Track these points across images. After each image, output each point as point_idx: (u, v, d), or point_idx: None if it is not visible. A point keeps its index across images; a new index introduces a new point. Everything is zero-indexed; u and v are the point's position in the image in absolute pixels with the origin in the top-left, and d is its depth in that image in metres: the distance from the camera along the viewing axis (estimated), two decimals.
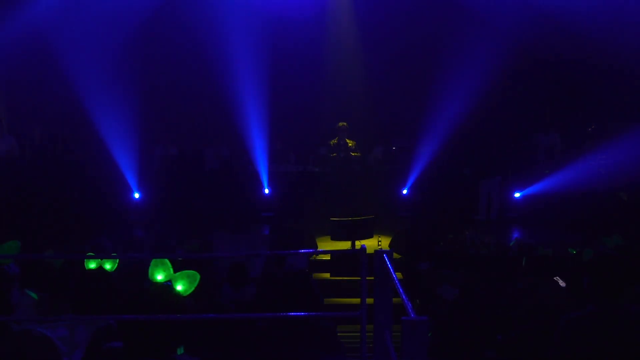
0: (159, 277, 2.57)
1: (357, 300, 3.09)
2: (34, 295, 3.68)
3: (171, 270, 2.60)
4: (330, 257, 8.14)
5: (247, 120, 11.57)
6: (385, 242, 8.63)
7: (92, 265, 3.84)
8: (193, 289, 2.58)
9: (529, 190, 10.98)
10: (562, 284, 5.75)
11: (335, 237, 8.53)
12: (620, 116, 11.22)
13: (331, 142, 11.14)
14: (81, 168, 10.94)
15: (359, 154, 11.25)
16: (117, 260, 3.83)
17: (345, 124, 10.97)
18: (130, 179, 10.87)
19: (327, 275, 8.00)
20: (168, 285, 2.57)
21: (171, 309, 2.35)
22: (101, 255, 4.42)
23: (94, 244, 4.70)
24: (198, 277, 2.62)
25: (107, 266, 3.80)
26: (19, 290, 3.59)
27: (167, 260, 2.59)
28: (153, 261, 2.58)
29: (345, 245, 8.38)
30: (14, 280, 2.58)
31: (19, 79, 11.97)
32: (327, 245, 8.73)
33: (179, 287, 2.58)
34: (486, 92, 11.19)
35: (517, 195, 11.19)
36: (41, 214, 9.83)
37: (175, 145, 12.45)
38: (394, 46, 12.63)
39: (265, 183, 11.33)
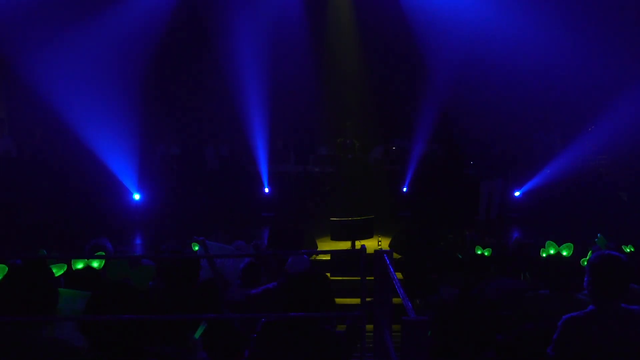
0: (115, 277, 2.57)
1: (357, 300, 3.08)
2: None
3: (127, 268, 2.60)
4: (330, 257, 8.14)
5: (247, 120, 11.58)
6: (385, 242, 8.63)
7: (80, 265, 3.85)
8: (149, 280, 2.58)
9: (528, 185, 11.01)
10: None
11: (335, 237, 8.53)
12: None
13: (338, 141, 11.07)
14: (81, 169, 10.94)
15: (361, 153, 11.25)
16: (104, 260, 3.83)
17: (351, 123, 10.94)
18: (131, 179, 10.87)
19: (327, 275, 7.98)
20: (124, 281, 2.55)
21: (134, 302, 2.33)
22: (101, 255, 4.41)
23: (93, 245, 4.69)
24: (152, 269, 2.63)
25: (95, 264, 3.81)
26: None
27: (124, 262, 2.59)
28: (110, 263, 2.57)
29: (345, 245, 8.38)
30: (60, 283, 2.58)
31: (20, 79, 11.96)
32: (327, 245, 8.73)
33: (135, 282, 2.58)
34: (485, 91, 11.21)
35: (517, 194, 11.20)
36: (39, 215, 9.84)
37: (176, 144, 12.46)
38: (394, 45, 12.64)
39: (265, 183, 11.33)
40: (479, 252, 6.17)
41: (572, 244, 4.76)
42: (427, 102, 11.59)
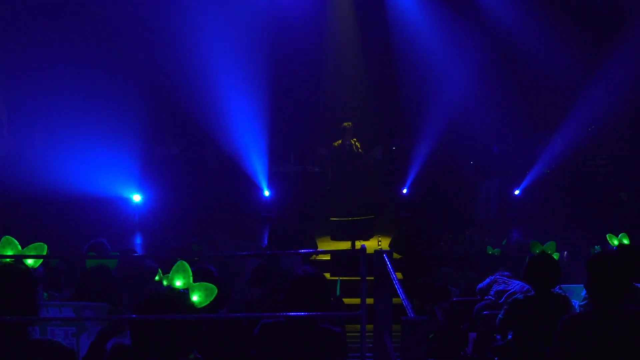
0: (178, 282, 2.56)
1: (357, 300, 3.08)
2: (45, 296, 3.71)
3: (191, 278, 2.59)
4: (330, 257, 8.14)
5: (247, 121, 11.56)
6: (385, 242, 8.63)
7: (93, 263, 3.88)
8: (208, 302, 2.58)
9: (526, 182, 11.05)
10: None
11: (335, 237, 8.53)
12: None
13: (335, 144, 10.92)
14: (82, 169, 10.93)
15: (362, 152, 11.18)
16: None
17: (350, 124, 10.77)
18: (132, 179, 10.86)
19: (327, 275, 8.00)
20: (185, 292, 2.55)
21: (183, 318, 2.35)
22: (102, 255, 4.42)
23: (92, 245, 4.70)
24: (216, 291, 2.61)
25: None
26: (43, 291, 3.65)
27: (188, 267, 2.59)
28: (175, 265, 2.57)
29: (345, 245, 8.38)
30: (39, 282, 2.58)
31: (20, 78, 11.95)
32: (327, 245, 8.73)
33: (195, 298, 2.57)
34: (485, 91, 11.21)
35: (516, 192, 11.21)
36: (40, 215, 9.83)
37: (176, 145, 12.45)
38: (394, 45, 12.63)
39: (264, 185, 11.31)
40: (490, 253, 6.25)
41: (554, 242, 4.79)
42: (428, 101, 11.58)
